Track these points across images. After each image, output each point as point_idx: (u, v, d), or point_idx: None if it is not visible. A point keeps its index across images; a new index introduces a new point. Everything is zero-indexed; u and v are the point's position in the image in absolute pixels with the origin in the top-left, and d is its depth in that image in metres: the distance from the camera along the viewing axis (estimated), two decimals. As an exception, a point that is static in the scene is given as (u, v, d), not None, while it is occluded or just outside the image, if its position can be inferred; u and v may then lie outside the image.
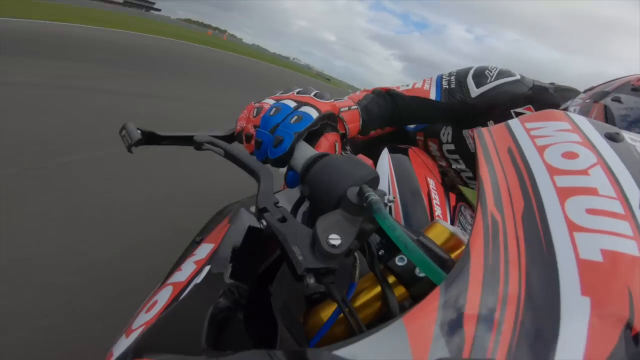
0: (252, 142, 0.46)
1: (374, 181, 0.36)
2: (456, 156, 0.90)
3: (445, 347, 0.20)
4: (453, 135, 0.89)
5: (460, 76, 0.75)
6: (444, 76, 0.77)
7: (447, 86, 0.75)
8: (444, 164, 0.97)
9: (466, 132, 0.85)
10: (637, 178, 0.27)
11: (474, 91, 0.73)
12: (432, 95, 0.75)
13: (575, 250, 0.23)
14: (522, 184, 0.28)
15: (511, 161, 0.31)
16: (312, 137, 0.47)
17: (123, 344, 0.30)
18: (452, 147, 0.90)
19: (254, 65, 17.76)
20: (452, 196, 0.75)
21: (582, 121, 0.33)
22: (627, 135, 0.31)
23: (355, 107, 0.60)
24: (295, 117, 0.43)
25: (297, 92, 0.49)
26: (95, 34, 7.67)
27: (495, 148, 0.33)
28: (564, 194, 0.26)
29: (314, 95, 0.48)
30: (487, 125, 0.78)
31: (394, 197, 0.33)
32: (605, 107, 0.59)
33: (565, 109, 0.68)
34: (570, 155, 0.29)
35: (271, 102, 0.48)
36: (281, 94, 0.50)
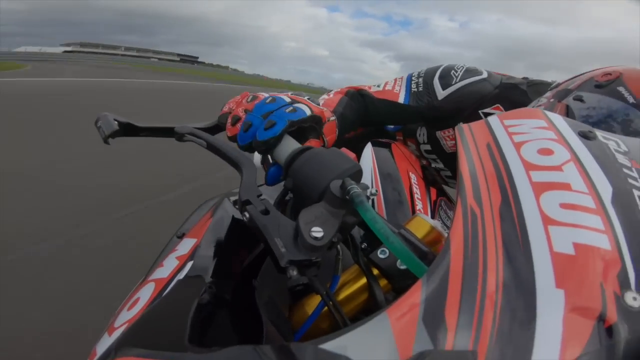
0: (238, 125, 0.45)
1: (357, 175, 0.36)
2: (434, 156, 0.91)
3: (429, 339, 0.20)
4: (428, 136, 0.89)
5: (428, 77, 0.74)
6: (413, 77, 0.75)
7: (415, 89, 0.74)
8: (424, 162, 0.98)
9: (439, 134, 0.84)
10: (608, 174, 0.28)
11: (440, 93, 0.72)
12: (401, 99, 0.74)
13: (550, 244, 0.23)
14: (499, 179, 0.29)
15: (490, 156, 0.32)
16: (297, 138, 0.46)
17: (106, 342, 0.30)
18: (428, 147, 0.91)
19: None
20: (433, 191, 0.77)
21: (558, 119, 0.34)
22: (599, 134, 0.33)
23: (333, 118, 0.57)
24: (291, 108, 0.44)
25: (291, 94, 0.49)
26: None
27: (475, 143, 0.34)
28: (539, 188, 0.27)
29: (307, 99, 0.49)
30: (460, 126, 0.80)
31: (377, 191, 0.33)
32: (567, 107, 0.57)
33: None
34: (546, 152, 0.30)
35: (266, 94, 0.48)
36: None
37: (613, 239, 0.24)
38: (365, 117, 0.74)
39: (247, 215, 0.32)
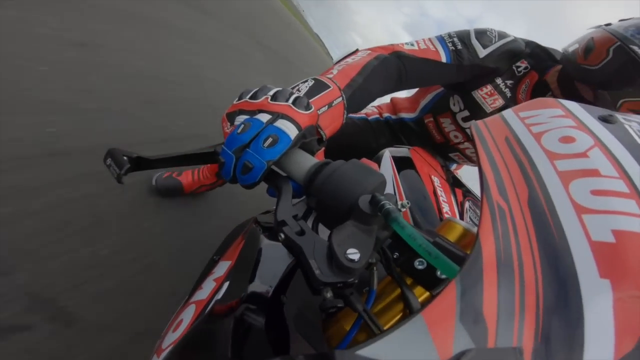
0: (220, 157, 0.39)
1: (381, 186, 0.36)
2: (473, 122, 0.92)
3: (469, 337, 0.20)
4: (464, 102, 0.92)
5: (464, 38, 0.79)
6: (445, 37, 0.79)
7: (453, 48, 0.77)
8: (460, 138, 0.98)
9: (477, 94, 0.88)
10: (637, 156, 0.27)
11: (482, 52, 0.78)
12: (443, 58, 0.76)
13: (586, 233, 0.23)
14: (523, 171, 0.29)
15: (510, 150, 0.31)
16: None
17: None
18: (466, 113, 0.93)
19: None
20: (459, 192, 0.75)
21: (574, 106, 0.33)
22: (620, 117, 0.32)
23: (340, 99, 0.51)
24: (270, 139, 0.36)
25: (272, 98, 0.40)
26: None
27: (493, 139, 0.34)
28: (566, 177, 0.26)
29: (293, 102, 0.39)
30: (495, 82, 0.84)
31: (408, 203, 0.33)
32: (603, 29, 0.71)
33: (565, 52, 0.78)
34: (568, 140, 0.29)
35: (242, 117, 0.40)
36: (251, 96, 0.41)
37: None
38: (404, 80, 0.73)
39: (282, 236, 0.31)
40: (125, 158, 0.41)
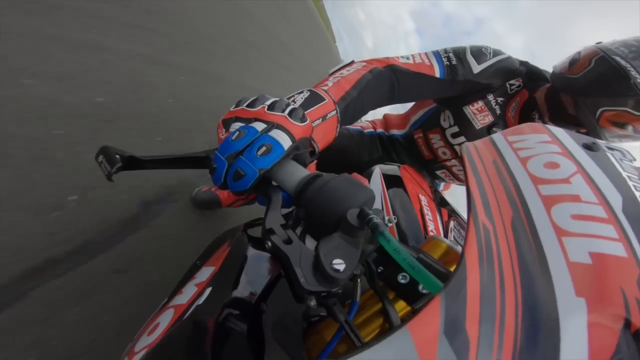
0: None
1: (370, 201, 0.36)
2: (462, 138, 0.93)
3: (451, 351, 0.20)
4: (454, 117, 0.92)
5: (459, 53, 0.79)
6: (441, 52, 0.80)
7: (448, 63, 0.78)
8: (448, 155, 0.98)
9: (468, 110, 0.88)
10: (617, 184, 0.28)
11: (476, 67, 0.79)
12: (437, 73, 0.77)
13: (565, 254, 0.24)
14: (509, 194, 0.30)
15: (497, 173, 0.32)
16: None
17: None
18: (455, 129, 0.93)
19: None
20: (444, 212, 0.77)
21: (561, 133, 0.35)
22: (603, 145, 0.34)
23: (334, 112, 0.52)
24: (264, 147, 0.36)
25: (269, 107, 0.40)
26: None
27: (481, 161, 0.35)
28: (549, 201, 0.28)
29: (289, 113, 0.40)
30: (487, 98, 0.85)
31: (395, 218, 0.34)
32: (593, 45, 0.73)
33: (554, 68, 0.80)
34: (552, 165, 0.31)
35: (238, 124, 0.40)
36: (248, 104, 0.41)
37: (628, 246, 0.24)
38: (397, 94, 0.73)
39: (270, 244, 0.31)
40: (117, 156, 0.41)
